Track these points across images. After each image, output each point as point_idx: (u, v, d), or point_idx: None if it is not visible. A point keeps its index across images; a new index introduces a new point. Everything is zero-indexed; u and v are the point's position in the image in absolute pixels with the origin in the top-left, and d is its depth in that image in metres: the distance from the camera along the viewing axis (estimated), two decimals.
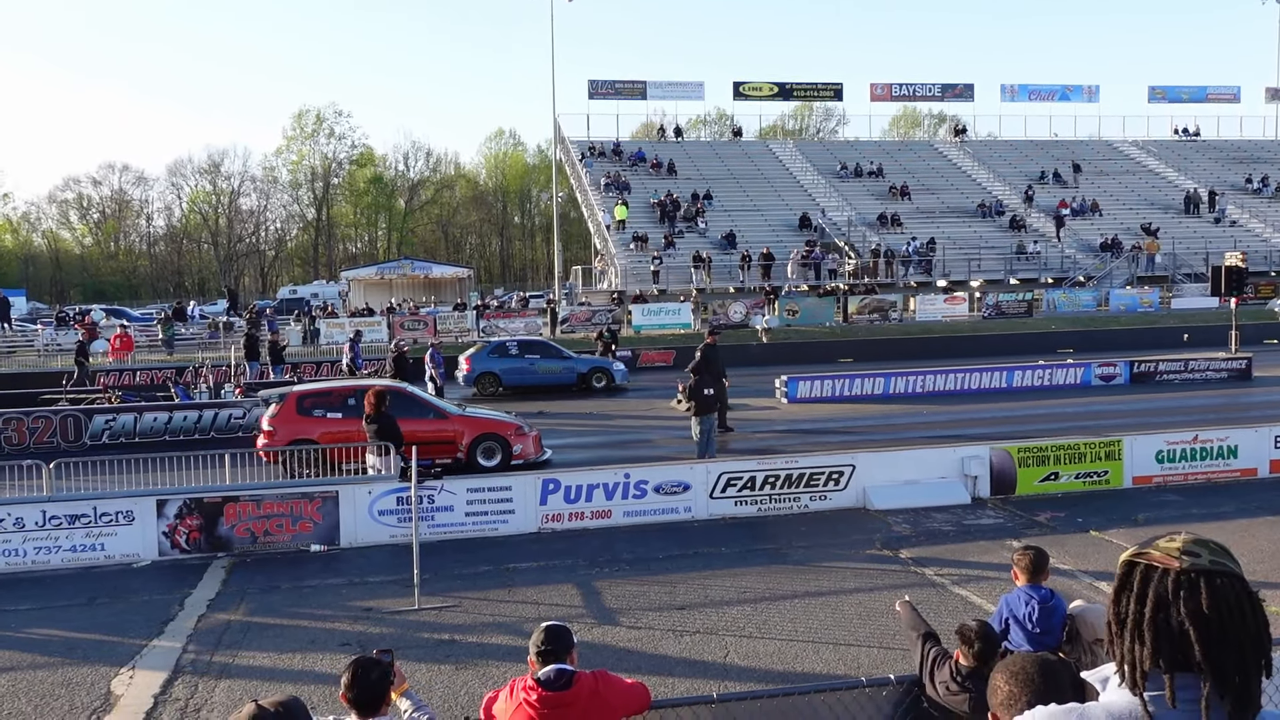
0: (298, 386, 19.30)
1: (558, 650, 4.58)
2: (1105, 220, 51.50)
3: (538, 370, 28.01)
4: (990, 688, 2.82)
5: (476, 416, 18.22)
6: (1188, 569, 2.02)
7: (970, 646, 5.13)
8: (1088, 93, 63.36)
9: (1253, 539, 12.34)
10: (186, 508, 12.67)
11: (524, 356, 28.21)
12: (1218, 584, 2.01)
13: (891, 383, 25.86)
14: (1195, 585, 2.00)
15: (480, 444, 17.38)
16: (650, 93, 59.36)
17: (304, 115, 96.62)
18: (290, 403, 17.39)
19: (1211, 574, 2.02)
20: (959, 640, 5.21)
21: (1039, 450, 15.14)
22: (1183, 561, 2.03)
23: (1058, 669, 2.97)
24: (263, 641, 9.65)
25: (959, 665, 5.17)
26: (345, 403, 17.16)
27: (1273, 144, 63.42)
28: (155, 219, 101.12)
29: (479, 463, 17.20)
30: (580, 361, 28.80)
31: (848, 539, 12.86)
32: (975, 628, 5.21)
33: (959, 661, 5.19)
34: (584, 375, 28.18)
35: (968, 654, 5.14)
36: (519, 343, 29.56)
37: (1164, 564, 2.05)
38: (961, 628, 5.26)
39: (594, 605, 10.51)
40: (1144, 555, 2.09)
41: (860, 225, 48.77)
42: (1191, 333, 35.49)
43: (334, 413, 17.08)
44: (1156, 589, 2.03)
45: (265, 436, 17.08)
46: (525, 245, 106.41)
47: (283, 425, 17.03)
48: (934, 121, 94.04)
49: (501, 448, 17.35)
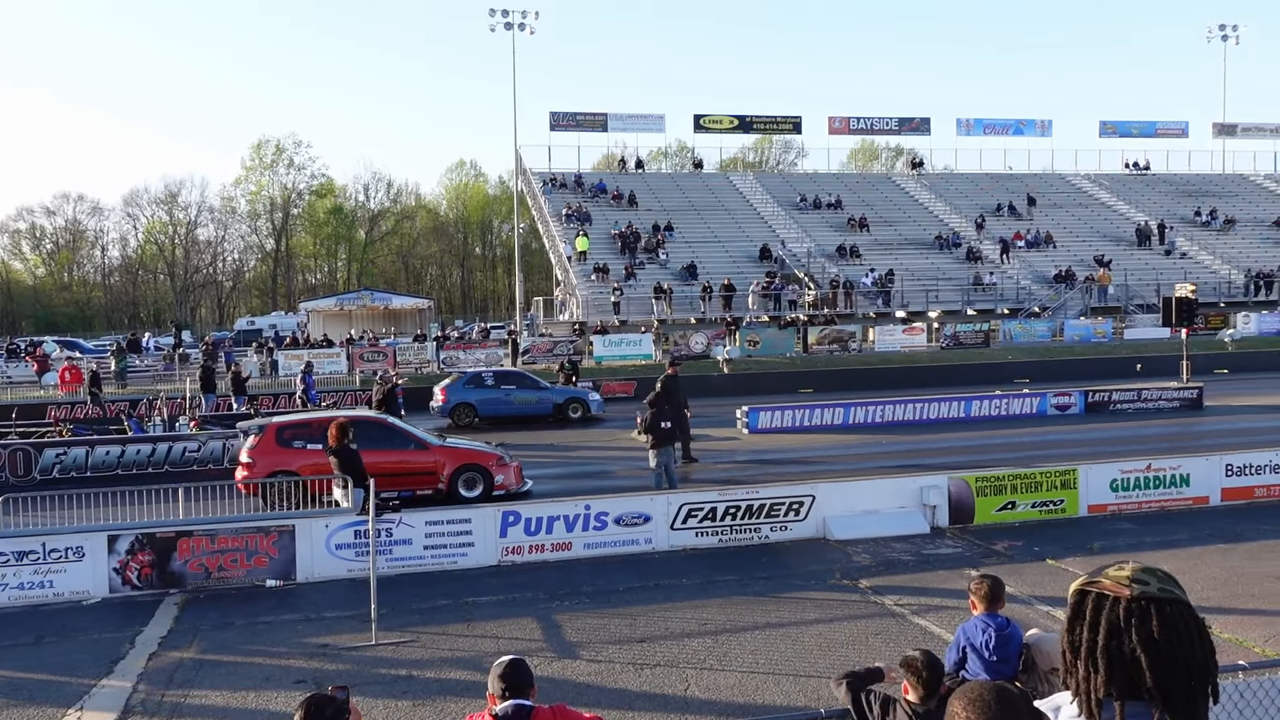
0: (277, 418, 19.08)
1: (517, 685, 4.53)
2: (1059, 252, 52.38)
3: (514, 401, 27.89)
4: (948, 713, 2.83)
5: (458, 447, 18.13)
6: (1138, 596, 2.05)
7: (918, 676, 5.10)
8: (1041, 127, 64.56)
9: (1205, 566, 12.51)
10: (138, 543, 12.42)
11: (500, 387, 28.11)
12: (1167, 611, 2.04)
13: (851, 413, 26.01)
14: (1146, 612, 2.03)
15: (461, 475, 17.29)
16: (611, 125, 59.69)
17: (263, 145, 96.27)
18: (270, 434, 17.19)
19: (1161, 601, 2.05)
20: (905, 671, 5.17)
21: (996, 480, 15.28)
22: (1133, 589, 2.06)
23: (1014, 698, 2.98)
24: (216, 679, 9.46)
25: (910, 704, 5.13)
26: (326, 434, 16.97)
27: (1220, 178, 64.93)
28: (110, 249, 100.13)
29: (460, 494, 17.09)
30: (556, 392, 28.77)
31: (808, 569, 12.88)
32: (920, 656, 5.18)
33: (908, 697, 5.16)
34: (560, 406, 28.11)
35: (915, 684, 5.11)
36: (495, 374, 29.48)
37: (1115, 592, 2.07)
38: (907, 659, 5.22)
39: (554, 639, 10.43)
40: (1095, 584, 2.12)
41: (819, 256, 49.23)
42: (1144, 363, 36.05)
43: (314, 444, 16.74)
44: (1109, 617, 2.05)
45: (244, 469, 16.87)
46: (486, 276, 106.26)
47: (262, 457, 16.81)
48: (891, 155, 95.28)
49: (483, 478, 17.28)
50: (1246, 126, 67.30)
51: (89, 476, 20.34)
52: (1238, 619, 10.39)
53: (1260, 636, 9.83)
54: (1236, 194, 62.31)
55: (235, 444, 21.35)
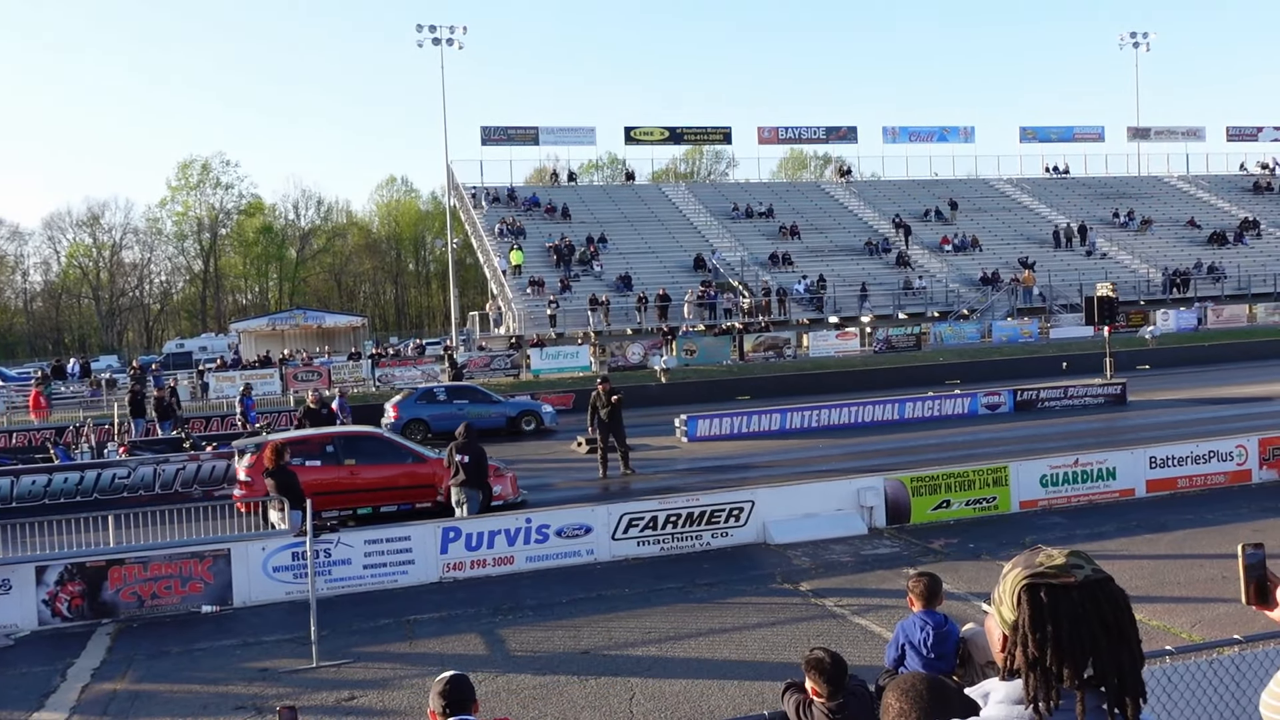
0: (273, 435, 18.84)
1: (459, 701, 4.53)
2: (985, 255, 53.47)
3: (466, 415, 27.65)
4: (883, 705, 2.90)
5: None
6: (1082, 582, 2.11)
7: (823, 674, 5.19)
8: (964, 134, 65.89)
9: (1133, 555, 12.88)
10: (68, 573, 12.12)
11: (452, 402, 27.89)
12: (1111, 590, 2.12)
13: (788, 418, 26.28)
14: (1096, 596, 2.09)
15: None
16: (543, 138, 59.67)
17: (189, 165, 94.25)
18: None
19: (1102, 582, 2.12)
20: (812, 669, 5.24)
21: (931, 479, 15.56)
22: (1076, 575, 2.12)
23: (946, 687, 3.07)
24: (152, 709, 9.27)
25: (824, 705, 5.19)
26: (324, 450, 16.81)
27: (1136, 180, 66.82)
28: (32, 274, 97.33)
29: None
30: (509, 405, 28.67)
31: (749, 574, 12.99)
32: (824, 654, 5.26)
33: (815, 698, 5.23)
34: (513, 419, 28.07)
35: (819, 681, 5.19)
36: (446, 389, 29.25)
37: (1062, 581, 2.12)
38: (810, 658, 5.29)
39: (498, 653, 10.39)
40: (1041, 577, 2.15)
41: (753, 265, 49.68)
42: (1070, 361, 36.93)
43: (312, 460, 16.53)
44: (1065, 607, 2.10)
45: (242, 487, 16.65)
46: (421, 292, 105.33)
47: (259, 475, 16.51)
48: (820, 163, 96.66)
49: None
50: (1159, 130, 69.38)
51: (14, 507, 19.74)
52: (1165, 606, 10.72)
53: (1187, 622, 10.14)
54: (1152, 195, 64.19)
55: (165, 469, 20.98)
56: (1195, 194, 64.78)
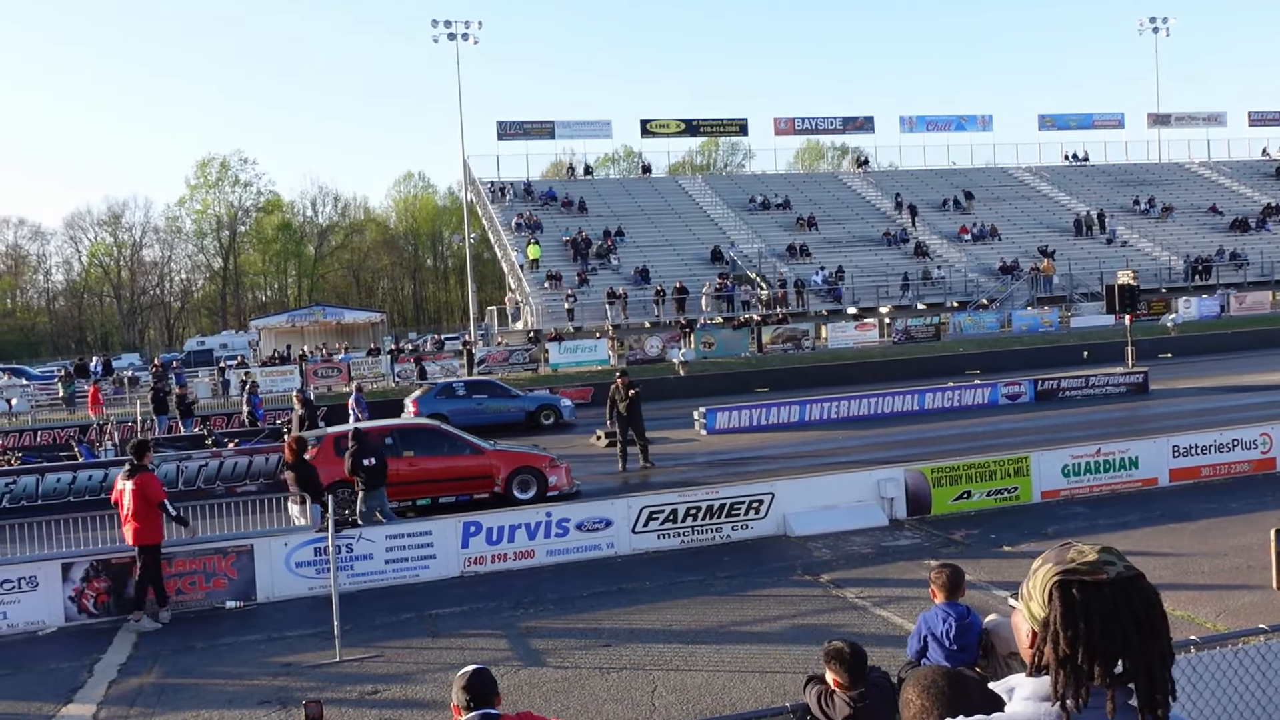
0: (331, 429, 19.23)
1: (482, 695, 4.53)
2: (1004, 244, 53.15)
3: (486, 410, 27.84)
4: (902, 701, 2.90)
5: (512, 451, 18.51)
6: (1115, 578, 2.10)
7: (843, 664, 5.19)
8: (982, 122, 65.47)
9: (1157, 545, 12.80)
10: (94, 570, 12.23)
11: (472, 397, 28.07)
12: (1142, 585, 2.10)
13: (807, 410, 26.22)
14: (1128, 593, 2.08)
15: (516, 477, 17.63)
16: (559, 132, 59.68)
17: (208, 163, 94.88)
18: (329, 444, 17.16)
19: (1134, 579, 2.11)
20: (832, 660, 5.23)
21: (951, 470, 15.50)
22: (1108, 572, 2.11)
23: (967, 682, 3.06)
24: (178, 703, 9.36)
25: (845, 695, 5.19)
26: (384, 442, 16.96)
27: (1157, 166, 66.27)
28: (54, 274, 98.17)
29: (515, 495, 17.35)
30: (529, 399, 28.86)
31: (770, 567, 12.98)
32: (844, 645, 5.26)
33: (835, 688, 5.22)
34: (532, 413, 28.27)
35: (840, 671, 5.18)
36: (466, 383, 29.44)
37: (1094, 577, 2.11)
38: (830, 649, 5.29)
39: (520, 647, 10.43)
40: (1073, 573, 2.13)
41: (770, 256, 49.56)
42: (1091, 350, 36.71)
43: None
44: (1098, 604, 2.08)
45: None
46: (439, 288, 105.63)
47: (321, 468, 16.62)
48: (837, 153, 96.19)
49: (537, 480, 17.62)
50: (1180, 116, 68.73)
51: (40, 505, 19.93)
52: (1189, 595, 10.66)
53: (1211, 612, 10.08)
54: (1173, 182, 63.62)
55: (188, 466, 21.13)
56: (1217, 180, 64.15)
